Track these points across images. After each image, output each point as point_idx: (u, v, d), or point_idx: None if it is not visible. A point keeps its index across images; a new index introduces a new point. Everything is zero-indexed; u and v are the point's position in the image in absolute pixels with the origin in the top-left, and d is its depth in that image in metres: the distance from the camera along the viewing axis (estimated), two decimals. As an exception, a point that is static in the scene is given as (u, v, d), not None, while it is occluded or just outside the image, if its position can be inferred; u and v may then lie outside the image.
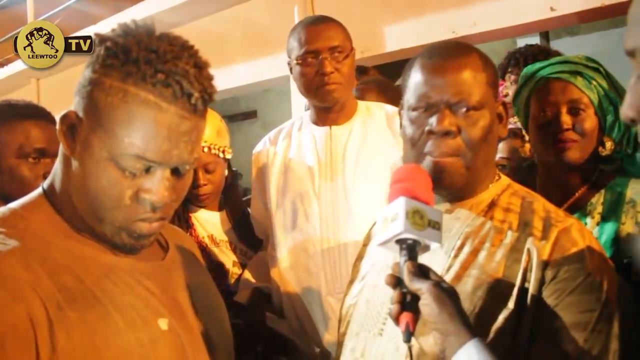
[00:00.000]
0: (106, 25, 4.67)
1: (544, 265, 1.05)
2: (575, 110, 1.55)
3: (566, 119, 1.54)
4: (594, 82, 1.54)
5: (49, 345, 0.88)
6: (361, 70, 3.07)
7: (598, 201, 1.52)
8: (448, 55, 1.16)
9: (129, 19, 1.04)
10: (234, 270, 2.08)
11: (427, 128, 1.13)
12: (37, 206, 1.04)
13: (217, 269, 2.00)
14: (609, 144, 1.55)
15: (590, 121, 1.54)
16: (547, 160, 1.60)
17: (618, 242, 1.44)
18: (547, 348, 1.01)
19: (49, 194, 1.05)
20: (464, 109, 1.12)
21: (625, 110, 0.70)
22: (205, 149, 1.99)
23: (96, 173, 0.97)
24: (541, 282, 1.04)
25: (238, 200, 2.30)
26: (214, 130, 2.04)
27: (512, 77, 2.61)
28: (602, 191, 1.53)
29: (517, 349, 1.02)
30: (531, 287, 1.04)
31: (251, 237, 2.18)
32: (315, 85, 1.90)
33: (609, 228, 1.47)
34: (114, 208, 0.98)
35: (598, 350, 0.99)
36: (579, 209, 1.54)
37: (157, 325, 1.01)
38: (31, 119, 1.73)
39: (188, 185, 1.07)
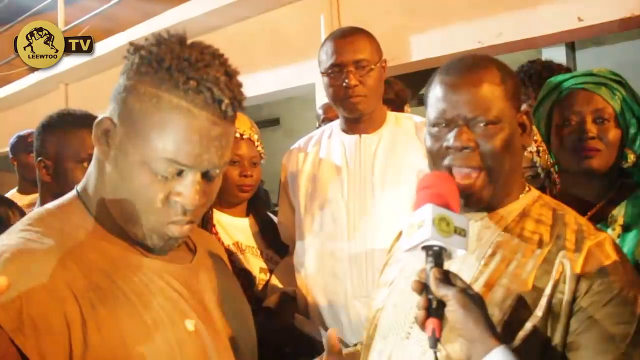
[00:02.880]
0: (135, 32, 4.75)
1: (578, 277, 1.05)
2: (599, 119, 1.57)
3: (591, 128, 1.56)
4: (618, 94, 1.57)
5: (82, 341, 0.91)
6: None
7: (619, 213, 1.54)
8: (465, 70, 1.17)
9: (156, 26, 1.07)
10: (260, 276, 2.09)
11: (445, 143, 1.15)
12: (72, 207, 1.07)
13: (243, 276, 2.01)
14: (631, 157, 1.58)
15: (613, 131, 1.57)
16: (570, 170, 1.62)
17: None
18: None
19: (82, 196, 1.09)
20: (481, 124, 1.13)
21: None
22: (253, 144, 2.08)
23: (129, 176, 1.00)
24: (574, 294, 1.04)
25: (263, 207, 2.33)
26: (257, 133, 2.13)
27: None
28: (624, 203, 1.55)
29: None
30: (565, 298, 1.04)
31: (278, 243, 2.20)
32: (340, 97, 1.94)
33: (630, 240, 1.49)
34: (146, 211, 1.01)
35: None
36: (600, 220, 1.54)
37: (184, 325, 1.04)
38: (87, 127, 1.85)
39: (217, 189, 1.09)
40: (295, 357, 1.96)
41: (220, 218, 2.11)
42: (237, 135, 2.03)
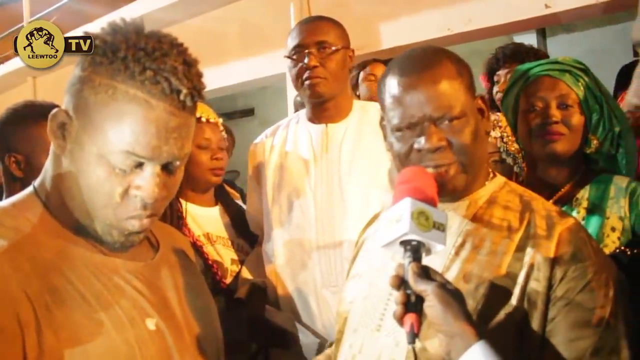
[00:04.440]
0: (102, 24, 4.67)
1: (551, 264, 1.06)
2: (563, 105, 1.60)
3: (555, 112, 1.59)
4: (582, 81, 1.60)
5: (36, 345, 0.88)
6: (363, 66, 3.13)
7: (583, 197, 1.58)
8: (420, 69, 1.15)
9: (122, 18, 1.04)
10: (232, 268, 2.07)
11: (416, 146, 1.14)
12: (28, 204, 1.04)
13: (215, 268, 2.00)
14: (594, 142, 1.61)
15: (577, 117, 1.60)
16: (535, 154, 1.65)
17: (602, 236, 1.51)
18: (563, 345, 1.02)
19: (39, 192, 1.06)
20: (447, 121, 1.13)
21: (631, 98, 0.70)
22: (218, 128, 2.09)
23: (87, 170, 0.98)
24: (550, 281, 1.05)
25: (229, 196, 2.30)
26: (220, 123, 2.13)
27: (500, 74, 2.65)
28: (587, 187, 1.59)
29: (529, 348, 1.03)
30: (540, 286, 1.05)
31: (248, 232, 2.19)
32: (301, 79, 1.93)
33: (594, 223, 1.53)
34: (105, 206, 0.99)
35: (612, 346, 1.01)
36: (565, 203, 1.58)
37: (144, 325, 1.02)
38: None
39: (179, 182, 1.07)
40: (266, 349, 1.96)
41: (189, 209, 2.08)
42: (203, 119, 2.04)
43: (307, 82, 1.91)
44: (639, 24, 0.71)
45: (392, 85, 1.16)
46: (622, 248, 1.46)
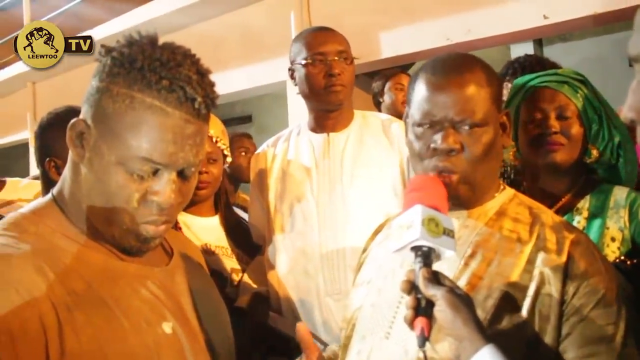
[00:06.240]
0: (103, 29, 4.68)
1: (563, 279, 1.07)
2: (562, 116, 1.63)
3: (554, 123, 1.62)
4: (580, 92, 1.63)
5: (59, 347, 0.91)
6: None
7: (583, 207, 1.60)
8: (451, 71, 1.16)
9: (124, 25, 1.07)
10: (232, 277, 2.08)
11: (432, 145, 1.15)
12: (47, 211, 1.07)
13: (215, 277, 1.99)
14: (594, 152, 1.64)
15: (576, 127, 1.63)
16: (535, 164, 1.67)
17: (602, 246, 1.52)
18: None
19: (58, 199, 1.09)
20: (467, 126, 1.14)
21: (626, 112, 0.72)
22: (210, 139, 2.04)
23: (105, 177, 1.00)
24: (562, 296, 1.06)
25: (229, 206, 2.30)
26: (219, 129, 2.11)
27: (510, 85, 2.67)
28: (588, 197, 1.61)
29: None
30: (552, 300, 1.06)
31: (245, 243, 2.19)
32: (322, 86, 1.95)
33: (594, 233, 1.55)
34: (122, 211, 1.02)
35: None
36: (565, 214, 1.60)
37: (161, 328, 1.05)
38: None
39: (193, 188, 1.10)
40: (270, 355, 1.97)
41: (187, 220, 2.08)
42: None
43: (330, 89, 1.94)
44: (635, 39, 0.72)
45: (421, 82, 1.18)
46: (622, 258, 1.48)
